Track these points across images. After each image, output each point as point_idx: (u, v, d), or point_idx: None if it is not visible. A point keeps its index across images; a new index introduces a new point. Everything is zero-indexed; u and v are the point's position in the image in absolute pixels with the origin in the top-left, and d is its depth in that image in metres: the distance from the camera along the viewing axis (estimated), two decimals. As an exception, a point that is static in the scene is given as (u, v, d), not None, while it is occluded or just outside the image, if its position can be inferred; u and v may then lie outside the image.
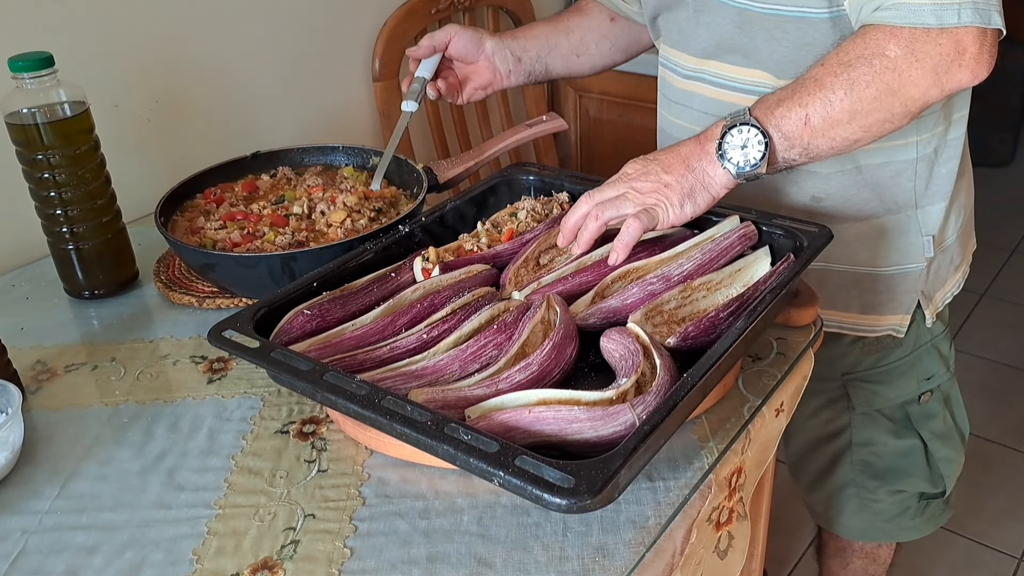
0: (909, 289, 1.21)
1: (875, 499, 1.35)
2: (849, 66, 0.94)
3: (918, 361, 1.27)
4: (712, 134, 0.99)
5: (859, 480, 1.34)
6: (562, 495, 0.66)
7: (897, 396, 1.28)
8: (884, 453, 1.32)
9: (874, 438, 1.31)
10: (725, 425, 0.89)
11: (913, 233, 1.18)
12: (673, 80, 1.24)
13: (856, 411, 1.30)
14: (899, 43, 0.92)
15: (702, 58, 1.16)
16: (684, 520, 0.80)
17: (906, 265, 1.19)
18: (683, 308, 0.94)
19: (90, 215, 1.13)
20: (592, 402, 0.78)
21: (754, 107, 0.99)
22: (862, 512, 1.37)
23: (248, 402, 0.97)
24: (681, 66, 1.20)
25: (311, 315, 0.92)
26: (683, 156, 1.00)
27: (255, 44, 1.61)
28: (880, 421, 1.30)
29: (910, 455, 1.31)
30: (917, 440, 1.31)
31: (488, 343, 0.89)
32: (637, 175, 1.01)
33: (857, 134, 0.97)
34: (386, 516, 0.80)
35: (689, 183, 0.99)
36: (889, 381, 1.27)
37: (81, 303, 1.18)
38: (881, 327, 1.23)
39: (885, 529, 1.38)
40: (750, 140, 0.96)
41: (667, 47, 1.24)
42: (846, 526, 1.40)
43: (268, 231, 1.13)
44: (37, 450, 0.91)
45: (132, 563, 0.77)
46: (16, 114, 1.07)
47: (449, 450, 0.72)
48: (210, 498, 0.83)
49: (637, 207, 0.98)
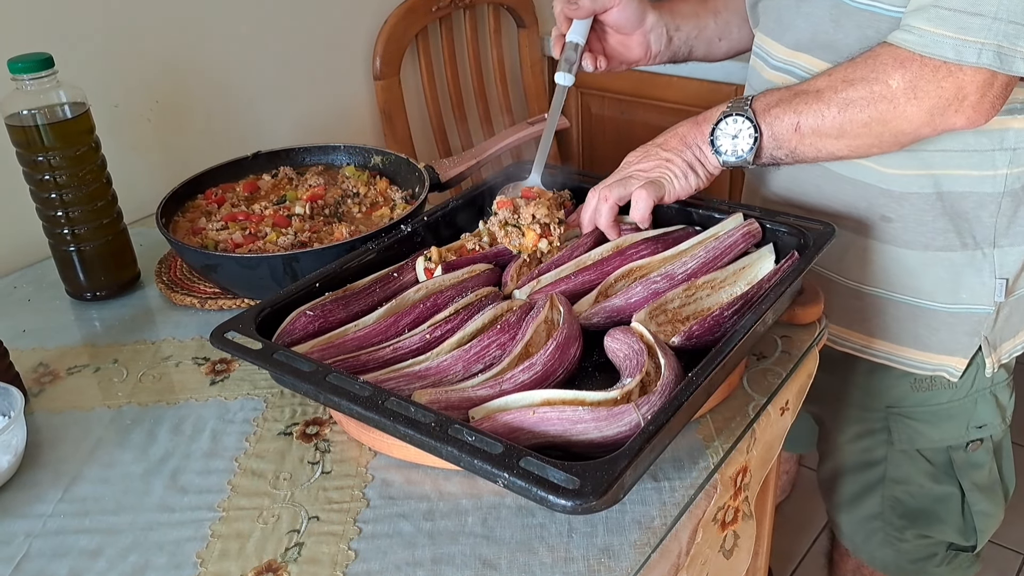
0: (972, 332, 1.13)
1: (901, 538, 1.29)
2: (850, 85, 0.95)
3: (972, 406, 1.19)
4: (710, 116, 1.02)
5: (887, 516, 1.28)
6: (567, 496, 0.65)
7: (942, 439, 1.21)
8: (918, 494, 1.25)
9: (910, 477, 1.25)
10: (730, 424, 0.88)
11: (986, 273, 1.10)
12: (762, 70, 1.17)
13: (895, 447, 1.23)
14: (904, 75, 0.92)
15: (794, 50, 1.10)
16: (690, 520, 0.80)
17: (973, 306, 1.12)
18: (687, 307, 0.94)
19: (91, 216, 1.13)
20: (596, 402, 0.77)
21: (757, 99, 1.00)
22: (887, 547, 1.31)
23: (251, 404, 0.97)
24: (772, 56, 1.14)
25: (314, 316, 0.92)
26: (680, 134, 1.03)
27: (255, 43, 1.60)
28: (919, 462, 1.23)
29: (945, 502, 1.25)
30: (955, 488, 1.24)
31: (491, 343, 0.89)
32: (638, 159, 1.04)
33: (843, 151, 0.99)
34: (390, 518, 0.80)
35: (688, 158, 1.02)
36: (936, 422, 1.20)
37: (83, 305, 1.18)
38: (933, 366, 1.16)
39: (909, 570, 1.32)
40: (742, 132, 0.99)
41: (762, 35, 1.17)
42: (872, 556, 1.35)
43: (270, 231, 1.13)
44: (40, 453, 0.91)
45: (135, 566, 0.76)
46: (16, 115, 1.07)
47: (453, 451, 0.71)
48: (213, 500, 0.83)
49: (642, 181, 1.01)
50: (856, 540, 1.36)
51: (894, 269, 1.12)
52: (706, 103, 2.07)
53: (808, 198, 1.15)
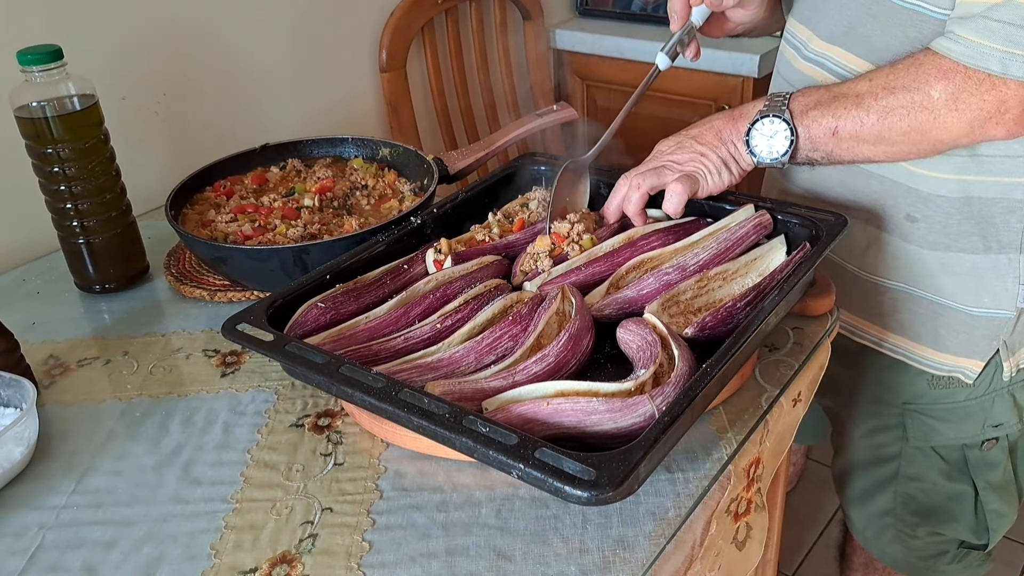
0: (991, 335, 1.13)
1: (913, 535, 1.29)
2: (891, 92, 0.95)
3: (989, 405, 1.18)
4: (747, 113, 1.02)
5: (899, 512, 1.28)
6: (583, 487, 0.65)
7: (958, 437, 1.21)
8: (931, 492, 1.25)
9: (923, 474, 1.24)
10: (743, 416, 0.88)
11: (1010, 278, 1.09)
12: (794, 60, 1.16)
13: (910, 443, 1.23)
14: (947, 86, 0.92)
15: (828, 42, 1.09)
16: (704, 511, 0.79)
17: (994, 310, 1.11)
18: (699, 298, 0.94)
19: (100, 209, 1.13)
20: (611, 393, 0.77)
21: (795, 98, 1.00)
22: (898, 544, 1.31)
23: (262, 396, 0.96)
24: (806, 46, 1.12)
25: (325, 308, 0.92)
26: (716, 129, 1.03)
27: (262, 35, 1.60)
28: (933, 459, 1.23)
29: (958, 500, 1.25)
30: (969, 487, 1.24)
31: (503, 335, 0.89)
32: (671, 150, 1.03)
33: (880, 156, 1.00)
34: (404, 509, 0.80)
35: (722, 154, 1.02)
36: (952, 420, 1.20)
37: (92, 297, 1.18)
38: (949, 367, 1.16)
39: (920, 567, 1.32)
40: (778, 133, 0.99)
41: (796, 22, 1.15)
42: (883, 551, 1.35)
43: (279, 224, 1.13)
44: (52, 445, 0.91)
45: (150, 558, 0.76)
46: (26, 108, 1.07)
47: (468, 443, 0.71)
48: (227, 492, 0.83)
49: (677, 174, 1.01)
50: (867, 535, 1.36)
51: (916, 268, 1.12)
52: (712, 95, 2.07)
53: (832, 192, 1.15)
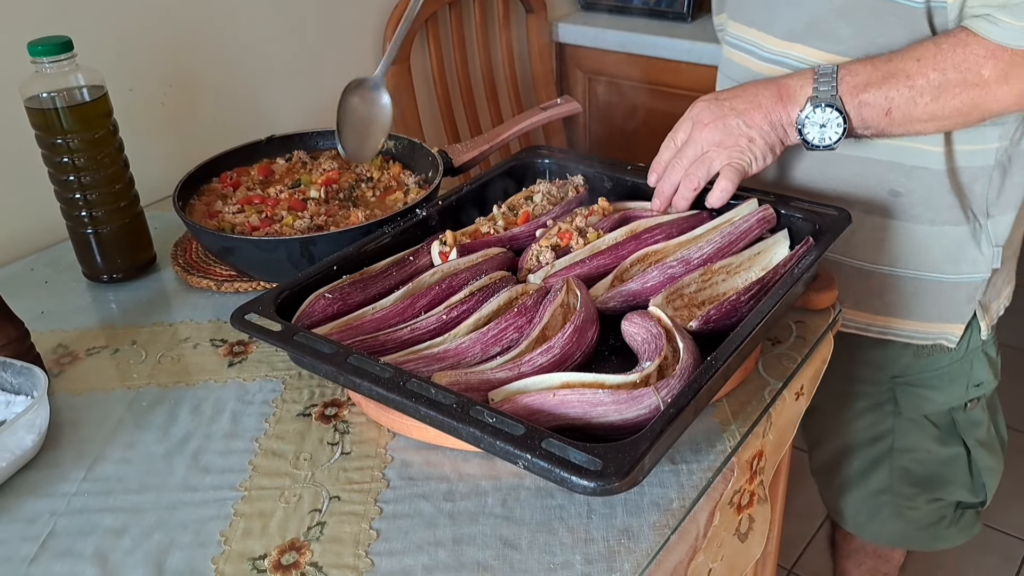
0: (969, 298, 1.18)
1: (912, 507, 1.32)
2: (944, 73, 0.97)
3: (969, 367, 1.24)
4: (793, 94, 1.02)
5: (896, 487, 1.31)
6: (589, 477, 0.66)
7: (946, 401, 1.25)
8: (926, 460, 1.29)
9: (918, 444, 1.28)
10: (746, 408, 0.89)
11: (984, 243, 1.15)
12: (747, 63, 1.18)
13: (903, 416, 1.27)
14: (996, 65, 0.96)
15: (788, 40, 1.11)
16: (707, 503, 0.80)
17: (973, 275, 1.16)
18: (703, 291, 0.95)
19: (109, 199, 1.13)
20: (616, 385, 0.78)
21: (842, 79, 1.00)
22: (896, 519, 1.34)
23: (269, 385, 0.97)
24: (761, 47, 1.14)
25: (332, 299, 0.93)
26: (764, 109, 1.02)
27: (268, 27, 1.60)
28: (926, 427, 1.27)
29: (953, 463, 1.29)
30: (961, 448, 1.28)
31: (509, 326, 0.90)
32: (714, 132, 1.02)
33: (929, 130, 1.03)
34: (411, 498, 0.81)
35: (771, 140, 1.03)
36: (939, 386, 1.24)
37: (99, 287, 1.19)
38: (934, 335, 1.21)
39: (919, 537, 1.36)
40: (830, 121, 1.00)
41: (743, 25, 1.18)
42: (879, 532, 1.37)
43: (286, 215, 1.13)
44: (61, 433, 0.92)
45: (160, 544, 0.77)
46: (35, 98, 1.07)
47: (475, 432, 0.72)
48: (235, 480, 0.84)
49: (725, 161, 1.02)
50: (860, 520, 1.38)
51: (902, 245, 1.16)
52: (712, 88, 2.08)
53: (811, 182, 1.17)
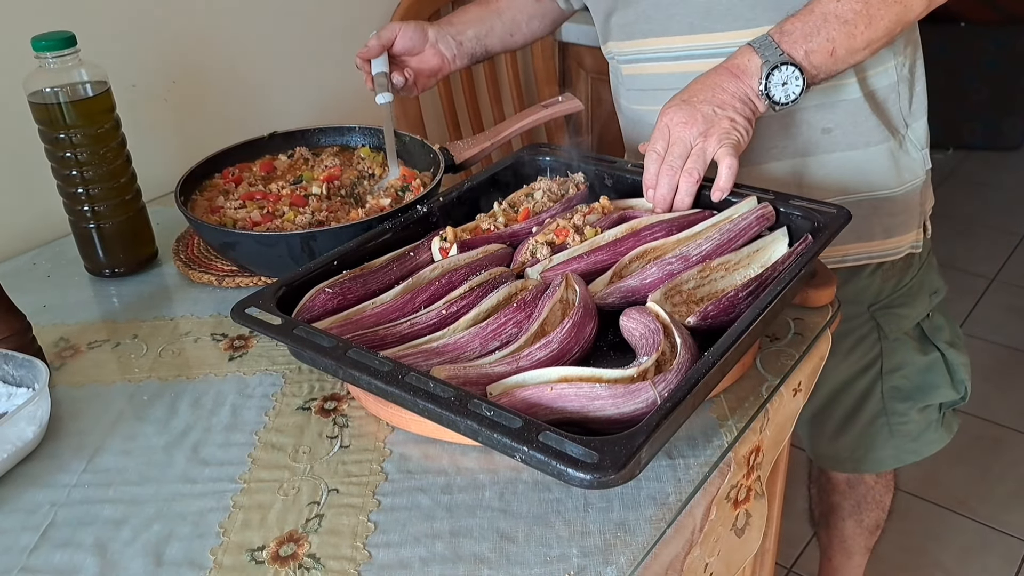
0: (918, 203, 1.28)
1: (905, 421, 1.40)
2: (867, 3, 1.05)
3: (926, 277, 1.35)
4: (745, 68, 1.06)
5: (890, 407, 1.38)
6: (585, 470, 0.67)
7: (917, 315, 1.35)
8: (912, 373, 1.37)
9: (904, 360, 1.36)
10: (744, 404, 0.89)
11: (913, 150, 1.26)
12: (657, 68, 1.24)
13: (888, 338, 1.34)
14: None
15: (690, 34, 1.17)
16: (704, 497, 0.81)
17: (914, 181, 1.27)
18: (702, 288, 0.95)
19: (111, 194, 1.14)
20: (613, 380, 0.78)
21: (780, 42, 1.06)
22: (892, 439, 1.41)
23: (269, 379, 0.98)
24: (667, 50, 1.21)
25: (332, 293, 0.93)
26: (729, 92, 1.06)
27: (272, 24, 1.61)
28: (908, 343, 1.36)
29: (934, 368, 1.38)
30: (937, 352, 1.37)
31: (508, 321, 0.90)
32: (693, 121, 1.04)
33: (866, 58, 1.10)
34: (409, 491, 0.81)
35: (747, 113, 1.07)
36: (910, 302, 1.34)
37: (102, 281, 1.19)
38: (903, 248, 1.29)
39: (913, 448, 1.43)
40: (790, 78, 1.05)
41: (640, 40, 1.23)
42: (875, 459, 1.44)
43: (287, 211, 1.14)
44: (62, 426, 0.93)
45: (160, 535, 0.78)
46: (39, 93, 1.08)
47: (472, 426, 0.72)
48: (235, 472, 0.85)
49: (718, 146, 1.04)
50: (858, 455, 1.44)
51: (847, 173, 1.23)
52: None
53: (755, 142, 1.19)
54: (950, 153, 3.91)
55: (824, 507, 1.64)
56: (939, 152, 3.92)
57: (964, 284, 2.97)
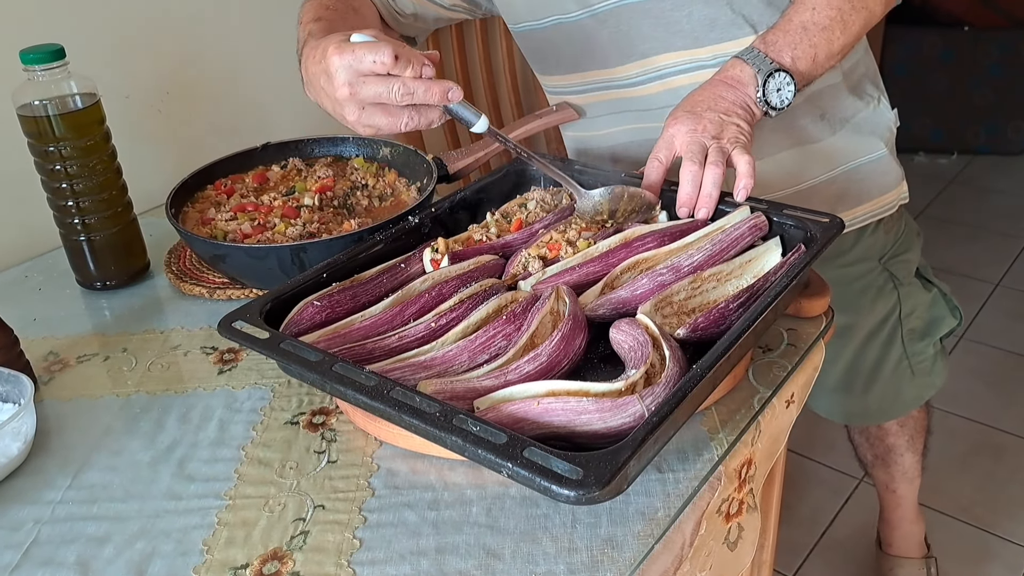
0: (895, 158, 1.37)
1: (923, 359, 1.48)
2: (840, 10, 1.13)
3: (909, 221, 1.44)
4: (740, 78, 1.12)
5: (910, 349, 1.46)
6: (570, 486, 0.66)
7: (916, 257, 1.45)
8: (922, 312, 1.46)
9: (916, 302, 1.45)
10: (735, 416, 0.88)
11: (884, 108, 1.36)
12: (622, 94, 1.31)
13: (904, 284, 1.42)
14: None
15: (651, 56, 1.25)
16: (693, 512, 0.80)
17: (891, 137, 1.36)
18: (693, 299, 0.94)
19: (101, 206, 1.14)
20: (601, 393, 0.78)
21: (766, 49, 1.12)
22: (914, 379, 1.49)
23: (258, 393, 0.97)
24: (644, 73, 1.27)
25: (321, 306, 0.92)
26: (729, 100, 1.11)
27: (264, 34, 1.61)
28: (917, 285, 1.45)
29: (935, 302, 1.47)
30: (934, 287, 1.48)
31: (497, 334, 0.89)
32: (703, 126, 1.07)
33: (839, 61, 1.18)
34: (395, 507, 0.80)
35: (748, 118, 1.11)
36: (910, 247, 1.43)
37: (93, 294, 1.19)
38: (899, 199, 1.37)
39: (930, 383, 1.51)
40: (783, 84, 1.11)
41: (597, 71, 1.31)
42: (902, 403, 1.53)
43: (279, 222, 1.13)
44: (49, 440, 0.92)
45: (143, 553, 0.77)
46: (28, 106, 1.08)
47: (458, 441, 0.71)
48: (220, 489, 0.84)
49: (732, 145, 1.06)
50: (885, 405, 1.52)
51: (846, 147, 1.31)
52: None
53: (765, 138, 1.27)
54: (954, 158, 3.90)
55: (879, 450, 1.72)
56: (943, 157, 3.91)
57: (968, 289, 2.96)
